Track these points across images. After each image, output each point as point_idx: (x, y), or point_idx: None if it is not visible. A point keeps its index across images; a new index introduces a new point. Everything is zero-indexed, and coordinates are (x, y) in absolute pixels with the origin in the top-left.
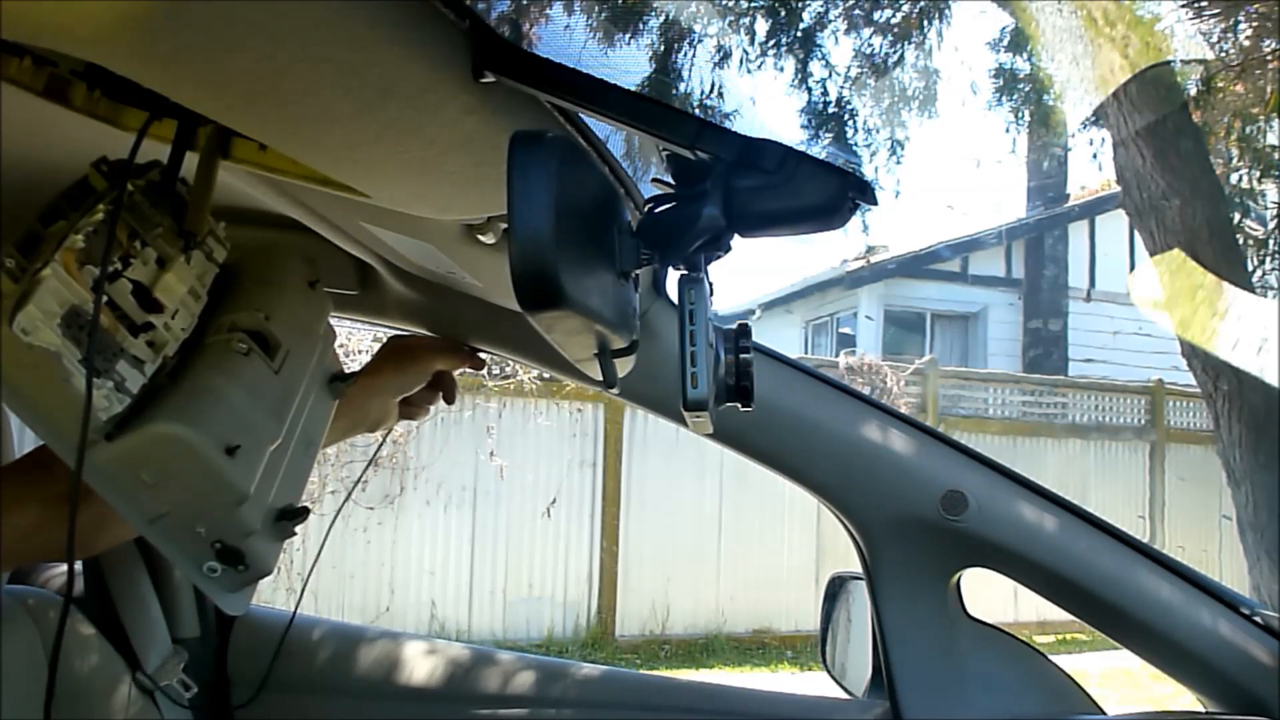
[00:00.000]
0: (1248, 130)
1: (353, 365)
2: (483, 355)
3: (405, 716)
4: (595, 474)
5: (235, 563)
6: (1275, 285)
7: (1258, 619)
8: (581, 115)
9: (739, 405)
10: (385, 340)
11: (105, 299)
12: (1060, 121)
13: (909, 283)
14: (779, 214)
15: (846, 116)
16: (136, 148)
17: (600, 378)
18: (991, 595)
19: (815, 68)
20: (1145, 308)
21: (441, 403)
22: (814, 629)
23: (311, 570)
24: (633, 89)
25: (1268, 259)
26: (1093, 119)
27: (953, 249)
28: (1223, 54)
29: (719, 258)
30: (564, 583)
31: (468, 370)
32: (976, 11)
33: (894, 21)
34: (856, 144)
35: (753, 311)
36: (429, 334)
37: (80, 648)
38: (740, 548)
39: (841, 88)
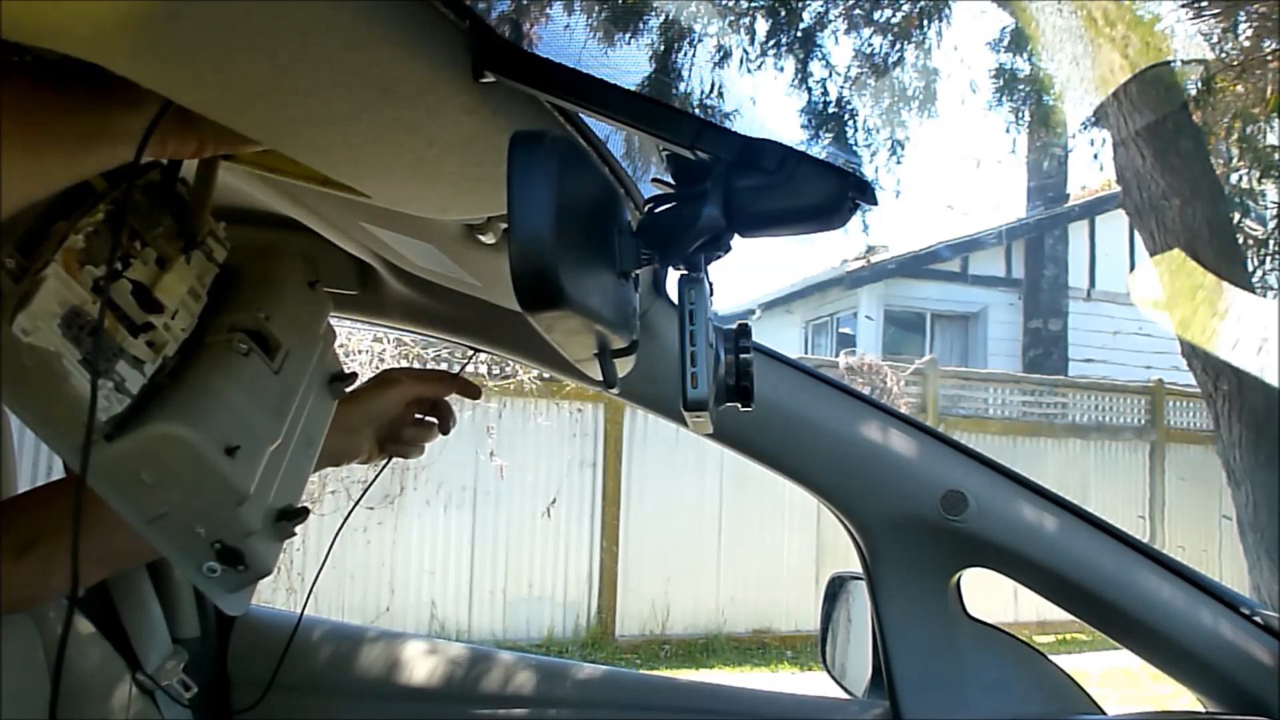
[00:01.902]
0: (1248, 130)
1: (352, 365)
2: (483, 354)
3: (405, 716)
4: (595, 474)
5: (235, 563)
6: (1275, 285)
7: (1258, 619)
8: (581, 115)
9: (739, 405)
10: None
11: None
12: (1060, 121)
13: (909, 283)
14: (779, 214)
15: (846, 116)
16: (142, 148)
17: (600, 378)
18: (991, 595)
19: (815, 68)
20: (1145, 308)
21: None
22: (814, 629)
23: (319, 573)
24: (633, 89)
25: (1268, 259)
26: (1093, 119)
27: (953, 249)
28: (1223, 54)
29: (719, 258)
30: (564, 583)
31: (470, 372)
32: (976, 11)
33: (894, 21)
34: (856, 144)
35: (753, 311)
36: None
37: (80, 648)
38: (740, 548)
39: (841, 88)
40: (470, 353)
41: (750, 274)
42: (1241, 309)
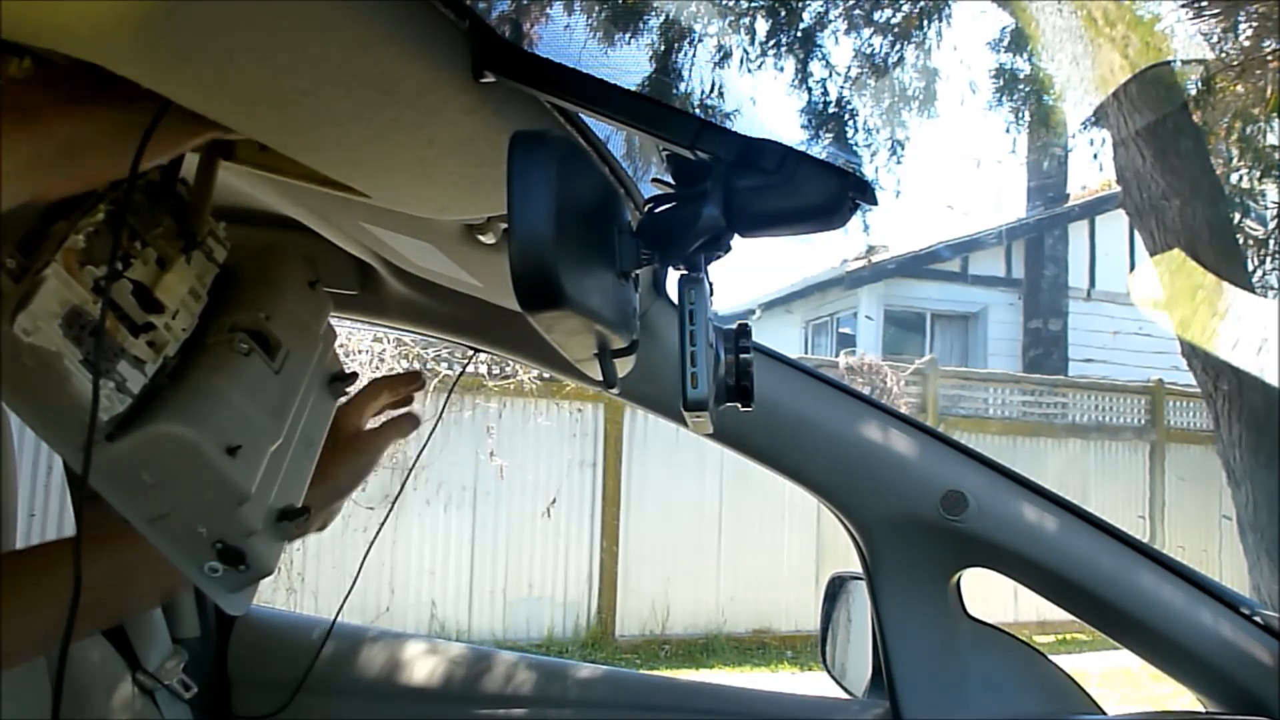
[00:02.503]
0: (1248, 130)
1: (352, 365)
2: (483, 354)
3: (405, 716)
4: (595, 474)
5: (236, 563)
6: (1275, 285)
7: (1258, 619)
8: (581, 115)
9: (739, 405)
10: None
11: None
12: (1060, 121)
13: (909, 283)
14: (779, 214)
15: (846, 116)
16: (142, 149)
17: (600, 378)
18: (991, 595)
19: (815, 68)
20: (1145, 308)
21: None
22: (814, 629)
23: (357, 577)
24: (633, 89)
25: (1268, 259)
26: (1093, 119)
27: (953, 249)
28: (1223, 54)
29: (719, 258)
30: (564, 583)
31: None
32: (976, 11)
33: (894, 21)
34: (856, 144)
35: (753, 311)
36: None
37: (80, 648)
38: (740, 548)
39: (841, 88)
40: (470, 353)
41: (750, 274)
42: (1241, 309)
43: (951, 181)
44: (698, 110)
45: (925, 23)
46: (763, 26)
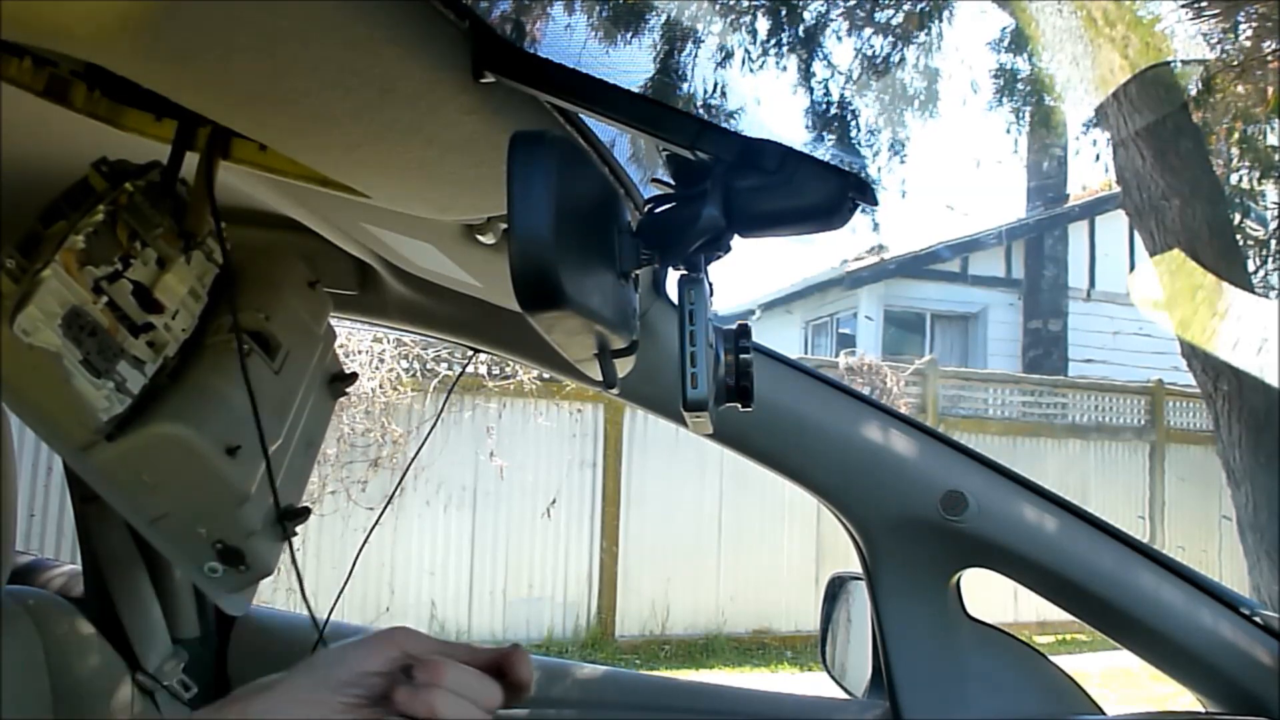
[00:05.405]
0: (1248, 130)
1: (352, 365)
2: (483, 354)
3: None
4: (595, 474)
5: (236, 563)
6: (1275, 285)
7: (1258, 619)
8: (582, 115)
9: (739, 405)
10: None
11: (107, 300)
12: (1060, 122)
13: (909, 283)
14: (779, 214)
15: (848, 117)
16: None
17: (600, 378)
18: (991, 595)
19: (817, 68)
20: (1145, 308)
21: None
22: (814, 629)
23: (350, 574)
24: (633, 89)
25: (1268, 259)
26: (1093, 119)
27: (953, 249)
28: (1223, 54)
29: (719, 258)
30: (564, 583)
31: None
32: (976, 11)
33: (895, 22)
34: (858, 144)
35: (753, 311)
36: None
37: (80, 648)
38: (740, 548)
39: (843, 88)
40: (470, 353)
41: (750, 274)
42: (1241, 309)
43: (951, 181)
44: (698, 111)
45: (926, 23)
46: (764, 26)
